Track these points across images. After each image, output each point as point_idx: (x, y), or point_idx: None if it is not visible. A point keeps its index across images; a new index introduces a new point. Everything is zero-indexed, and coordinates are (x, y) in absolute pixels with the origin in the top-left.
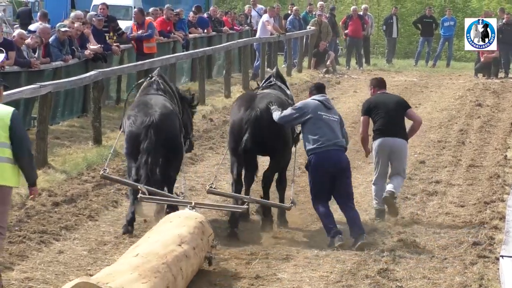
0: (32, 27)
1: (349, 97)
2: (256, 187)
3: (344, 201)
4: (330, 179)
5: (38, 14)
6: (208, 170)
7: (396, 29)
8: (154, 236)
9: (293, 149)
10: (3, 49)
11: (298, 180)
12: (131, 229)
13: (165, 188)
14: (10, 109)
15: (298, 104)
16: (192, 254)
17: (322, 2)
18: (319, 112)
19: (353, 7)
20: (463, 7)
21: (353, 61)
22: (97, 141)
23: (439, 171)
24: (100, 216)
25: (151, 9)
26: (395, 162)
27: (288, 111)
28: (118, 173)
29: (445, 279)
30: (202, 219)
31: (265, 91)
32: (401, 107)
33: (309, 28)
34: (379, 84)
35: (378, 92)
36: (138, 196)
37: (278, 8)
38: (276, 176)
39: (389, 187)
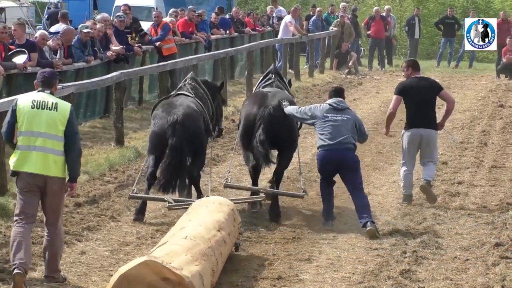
0: (53, 28)
1: (371, 98)
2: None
3: (352, 188)
4: (334, 171)
5: (58, 15)
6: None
7: (419, 30)
8: (195, 219)
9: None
10: (26, 50)
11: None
12: (141, 217)
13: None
14: (69, 104)
15: (311, 107)
16: (228, 240)
17: (344, 3)
18: (325, 114)
19: (375, 8)
20: (485, 8)
21: (375, 62)
22: (119, 142)
23: (461, 172)
24: (122, 217)
25: (171, 10)
26: (426, 150)
27: (301, 113)
28: (140, 174)
29: (467, 280)
30: (233, 207)
31: (272, 89)
32: (434, 91)
33: (332, 29)
34: (415, 65)
35: (414, 75)
36: (166, 205)
37: (299, 9)
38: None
39: (425, 175)
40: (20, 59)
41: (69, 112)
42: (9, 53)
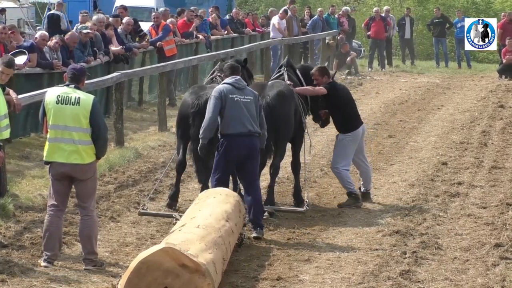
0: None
1: (371, 98)
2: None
3: (249, 182)
4: (236, 164)
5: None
6: None
7: (410, 31)
8: (204, 209)
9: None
10: (26, 51)
11: (320, 182)
12: (174, 203)
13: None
14: (91, 97)
15: (214, 93)
16: (235, 230)
17: (347, 7)
18: (230, 96)
19: (375, 8)
20: (486, 8)
21: (375, 63)
22: (119, 142)
23: (461, 172)
24: (122, 218)
25: (178, 10)
26: None
27: (211, 104)
28: (140, 174)
29: (467, 281)
30: (239, 198)
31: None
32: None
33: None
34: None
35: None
36: (174, 222)
37: (294, 9)
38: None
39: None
40: (20, 60)
41: (91, 105)
42: (9, 54)
